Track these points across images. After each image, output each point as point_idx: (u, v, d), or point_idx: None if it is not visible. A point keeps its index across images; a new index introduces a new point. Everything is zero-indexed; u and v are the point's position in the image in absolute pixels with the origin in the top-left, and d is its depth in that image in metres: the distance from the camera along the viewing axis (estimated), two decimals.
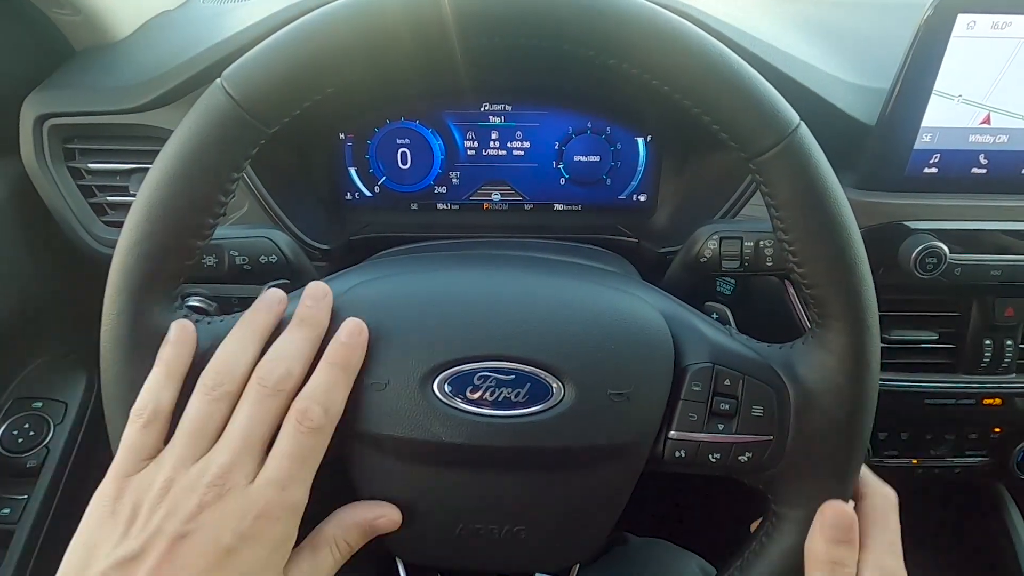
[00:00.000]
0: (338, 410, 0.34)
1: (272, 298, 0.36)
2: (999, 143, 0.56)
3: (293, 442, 0.32)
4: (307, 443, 0.33)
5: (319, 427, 0.33)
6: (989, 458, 0.71)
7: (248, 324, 0.35)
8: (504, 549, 0.38)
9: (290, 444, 0.32)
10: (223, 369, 0.33)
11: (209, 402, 0.33)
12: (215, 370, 0.33)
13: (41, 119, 0.60)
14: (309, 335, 0.35)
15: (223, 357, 0.34)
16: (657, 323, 0.38)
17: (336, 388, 0.34)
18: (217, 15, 0.69)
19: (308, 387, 0.34)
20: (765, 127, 0.32)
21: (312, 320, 0.35)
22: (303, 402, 0.33)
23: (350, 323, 0.35)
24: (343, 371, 0.34)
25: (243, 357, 0.34)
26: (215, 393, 0.33)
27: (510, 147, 0.68)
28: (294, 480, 0.32)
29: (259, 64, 0.32)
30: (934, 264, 0.56)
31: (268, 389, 0.33)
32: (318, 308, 0.36)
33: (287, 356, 0.34)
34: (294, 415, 0.33)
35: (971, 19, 0.51)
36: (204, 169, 0.32)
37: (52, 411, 0.68)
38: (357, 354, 0.35)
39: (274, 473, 0.32)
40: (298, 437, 0.32)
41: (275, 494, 0.32)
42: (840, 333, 0.35)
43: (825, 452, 0.37)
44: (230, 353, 0.34)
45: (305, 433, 0.32)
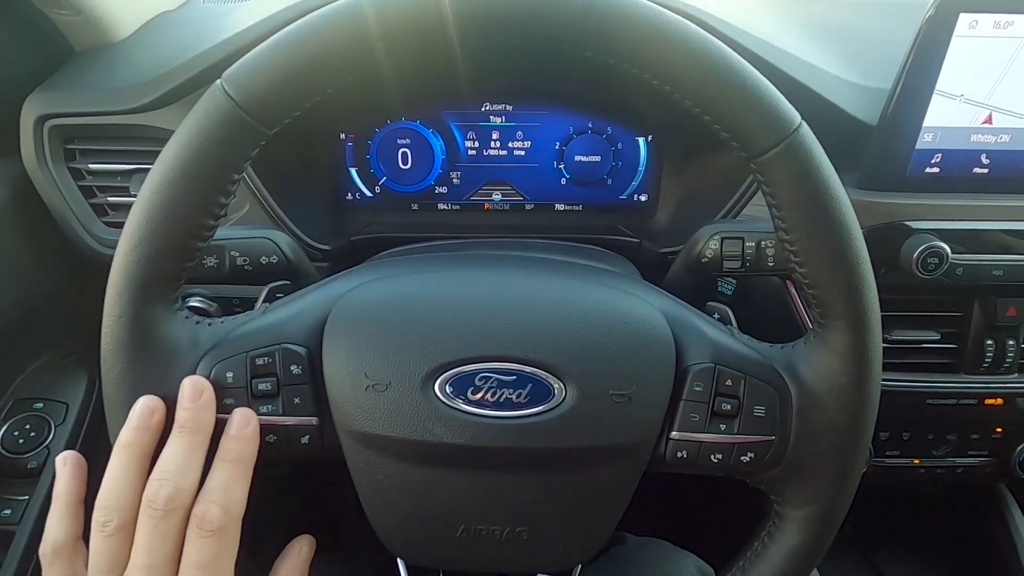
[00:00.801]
0: (239, 507, 0.34)
1: (144, 412, 0.34)
2: (1001, 143, 0.56)
3: (197, 549, 0.32)
4: (212, 547, 0.32)
5: (220, 527, 0.32)
6: (991, 458, 0.71)
7: (125, 448, 0.33)
8: (506, 550, 0.38)
9: (195, 554, 0.32)
10: (109, 504, 0.32)
11: (104, 539, 0.32)
12: (102, 505, 0.32)
13: (42, 120, 0.60)
14: (192, 441, 0.34)
15: (106, 489, 0.33)
16: (658, 323, 0.38)
17: (233, 485, 0.34)
18: (217, 15, 0.69)
19: (204, 490, 0.33)
20: (766, 127, 0.32)
21: (192, 425, 0.34)
22: (201, 507, 0.33)
23: (237, 415, 0.35)
24: (237, 465, 0.34)
25: (127, 485, 0.33)
26: (107, 530, 0.32)
27: (511, 147, 0.68)
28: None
29: (259, 65, 0.32)
30: (936, 264, 0.56)
31: (160, 511, 0.32)
32: (198, 409, 0.34)
33: (173, 471, 0.33)
34: (193, 522, 0.32)
35: (973, 19, 0.51)
36: (204, 170, 0.32)
37: (53, 412, 0.68)
38: (250, 446, 0.35)
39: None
40: (201, 544, 0.32)
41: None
42: (842, 333, 0.35)
43: (827, 452, 0.37)
44: (113, 484, 0.33)
45: (208, 538, 0.32)
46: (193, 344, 0.36)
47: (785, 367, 0.37)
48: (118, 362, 0.34)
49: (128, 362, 0.34)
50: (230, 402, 0.36)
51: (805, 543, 0.38)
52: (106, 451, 0.34)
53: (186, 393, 0.34)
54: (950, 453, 0.71)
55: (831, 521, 0.38)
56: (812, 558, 0.39)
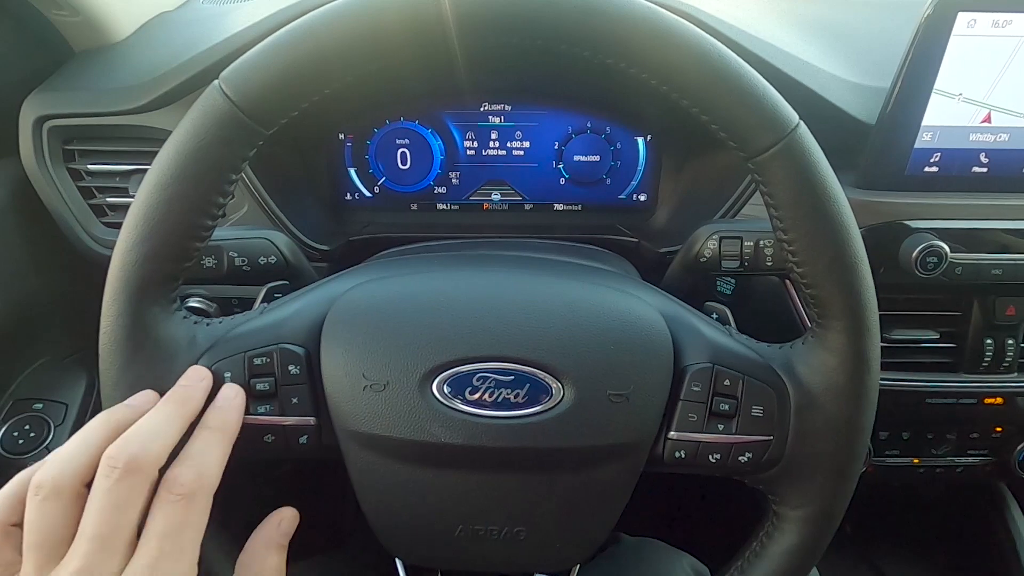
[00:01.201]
0: (214, 475, 0.31)
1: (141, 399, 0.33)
2: (1000, 142, 0.56)
3: (162, 515, 0.29)
4: (179, 513, 0.29)
5: (191, 493, 0.29)
6: (990, 457, 0.71)
7: (100, 417, 0.31)
8: (504, 550, 0.38)
9: (160, 519, 0.28)
10: (58, 469, 0.29)
11: (38, 506, 0.28)
12: (40, 473, 0.29)
13: (40, 120, 0.60)
14: (176, 411, 0.32)
15: (57, 452, 0.29)
16: (657, 323, 0.38)
17: (210, 450, 0.31)
18: (216, 16, 0.69)
19: (180, 455, 0.31)
20: (764, 126, 0.32)
21: (181, 397, 0.32)
22: (174, 469, 0.30)
23: (226, 388, 0.34)
24: (218, 433, 0.32)
25: (83, 450, 0.29)
26: (41, 494, 0.28)
27: (510, 147, 0.68)
28: (168, 558, 0.28)
29: (256, 66, 0.32)
30: (935, 263, 0.56)
31: (119, 470, 0.28)
32: (190, 386, 0.33)
33: (145, 432, 0.30)
34: (163, 486, 0.29)
35: (971, 17, 0.51)
36: (202, 171, 0.32)
37: (52, 412, 0.68)
38: (234, 416, 0.33)
39: (143, 558, 0.28)
40: (166, 509, 0.29)
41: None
42: (840, 333, 0.35)
43: (826, 452, 0.37)
44: (69, 447, 0.29)
45: (176, 502, 0.29)
46: (191, 344, 0.36)
47: (783, 367, 0.37)
48: (116, 362, 0.34)
49: (126, 362, 0.34)
50: None
51: (803, 543, 0.38)
52: None
53: (188, 373, 0.34)
54: (950, 452, 0.71)
55: (829, 521, 0.38)
56: (811, 558, 0.39)
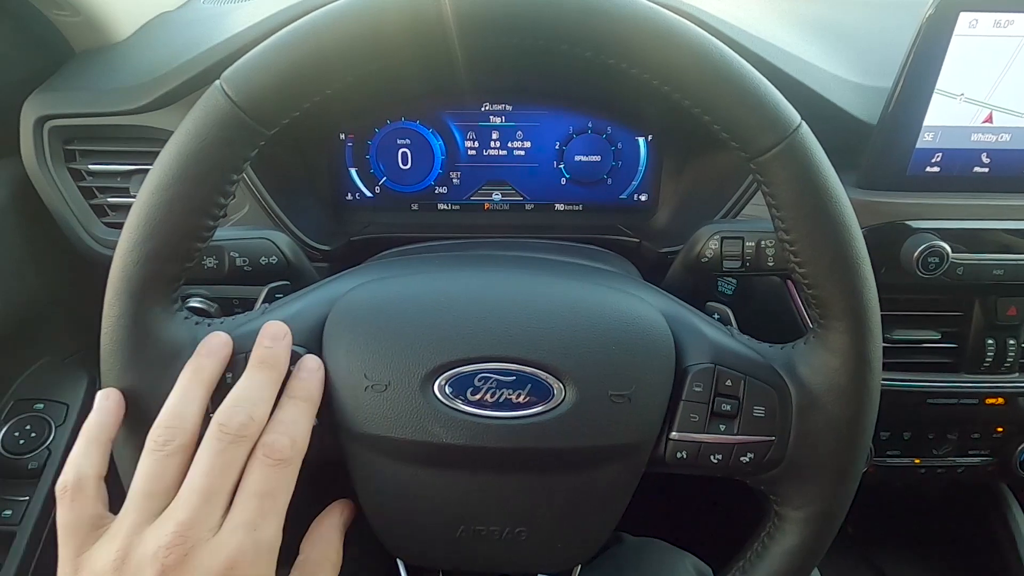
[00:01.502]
0: (304, 442, 0.33)
1: (216, 343, 0.35)
2: (1001, 142, 0.56)
3: (261, 478, 0.31)
4: (275, 477, 0.32)
5: (287, 459, 0.32)
6: (992, 458, 0.71)
7: (193, 372, 0.34)
8: (506, 550, 0.38)
9: (258, 481, 0.31)
10: (172, 423, 0.32)
11: (160, 459, 0.31)
12: (164, 425, 0.32)
13: (41, 120, 0.60)
14: (269, 376, 0.34)
15: (171, 410, 0.32)
16: (658, 324, 0.38)
17: (300, 420, 0.34)
18: (217, 16, 0.69)
19: (272, 422, 0.33)
20: (766, 127, 0.32)
21: (271, 361, 0.34)
22: (269, 436, 0.32)
23: (307, 359, 0.35)
24: (305, 403, 0.34)
25: (191, 407, 0.32)
26: (167, 449, 0.31)
27: (511, 147, 0.67)
28: (265, 518, 0.31)
29: (258, 66, 0.32)
30: (936, 263, 0.56)
31: (230, 436, 0.31)
32: (277, 348, 0.35)
33: (248, 400, 0.33)
34: (260, 450, 0.32)
35: (973, 17, 0.51)
36: (203, 171, 0.32)
37: (53, 412, 0.68)
38: (317, 387, 0.35)
39: (242, 515, 0.31)
40: (266, 472, 0.31)
41: (245, 537, 0.30)
42: (842, 333, 0.35)
43: (827, 453, 0.37)
44: (177, 405, 0.32)
45: (273, 466, 0.32)
46: (192, 344, 0.36)
47: (785, 367, 0.37)
48: (117, 362, 0.34)
49: (127, 362, 0.34)
50: None
51: (805, 543, 0.38)
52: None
53: (267, 332, 0.35)
54: (951, 453, 0.71)
55: (831, 521, 0.38)
56: (812, 558, 0.39)
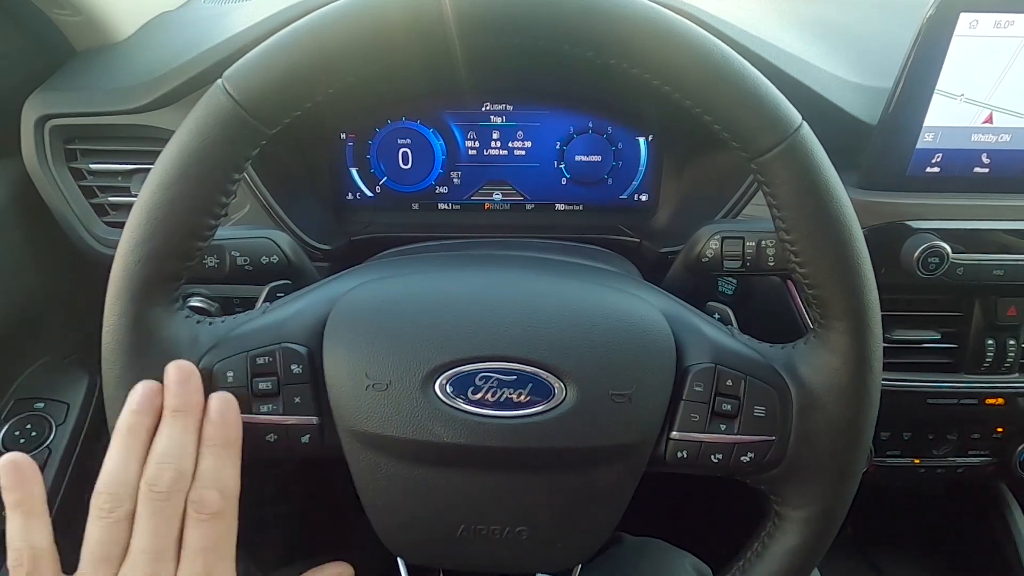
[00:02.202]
0: (234, 488, 0.34)
1: (145, 393, 0.34)
2: (1001, 142, 0.56)
3: (199, 534, 0.32)
4: (213, 530, 0.33)
5: (219, 511, 0.33)
6: (992, 458, 0.71)
7: (128, 431, 0.33)
8: (506, 549, 0.38)
9: (197, 537, 0.32)
10: (116, 490, 0.32)
11: (109, 525, 0.32)
12: (107, 492, 0.32)
13: (42, 120, 0.60)
14: (186, 423, 0.34)
15: (113, 475, 0.32)
16: (659, 323, 0.38)
17: (224, 468, 0.34)
18: (218, 15, 0.69)
19: (197, 476, 0.33)
20: (767, 127, 0.32)
21: (185, 406, 0.34)
22: (196, 492, 0.33)
23: (215, 400, 0.35)
24: (225, 448, 0.34)
25: (131, 469, 0.32)
26: (114, 515, 0.32)
27: (511, 147, 0.68)
28: (214, 569, 0.32)
29: (260, 65, 0.32)
30: (936, 264, 0.56)
31: (163, 494, 0.32)
32: (187, 391, 0.34)
33: (172, 455, 0.33)
34: (191, 508, 0.32)
35: (973, 18, 0.51)
36: (205, 170, 0.32)
37: (54, 412, 0.68)
38: (234, 430, 0.35)
39: (191, 571, 0.32)
40: (202, 528, 0.32)
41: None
42: (842, 333, 0.35)
43: (827, 453, 0.37)
44: (118, 470, 0.32)
45: (208, 521, 0.32)
46: (193, 343, 0.36)
47: (785, 367, 0.37)
48: (119, 361, 0.34)
49: (129, 361, 0.34)
50: None
51: (805, 543, 0.38)
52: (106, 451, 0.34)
53: (172, 377, 0.34)
54: (951, 453, 0.71)
55: (831, 521, 0.38)
56: (812, 558, 0.39)
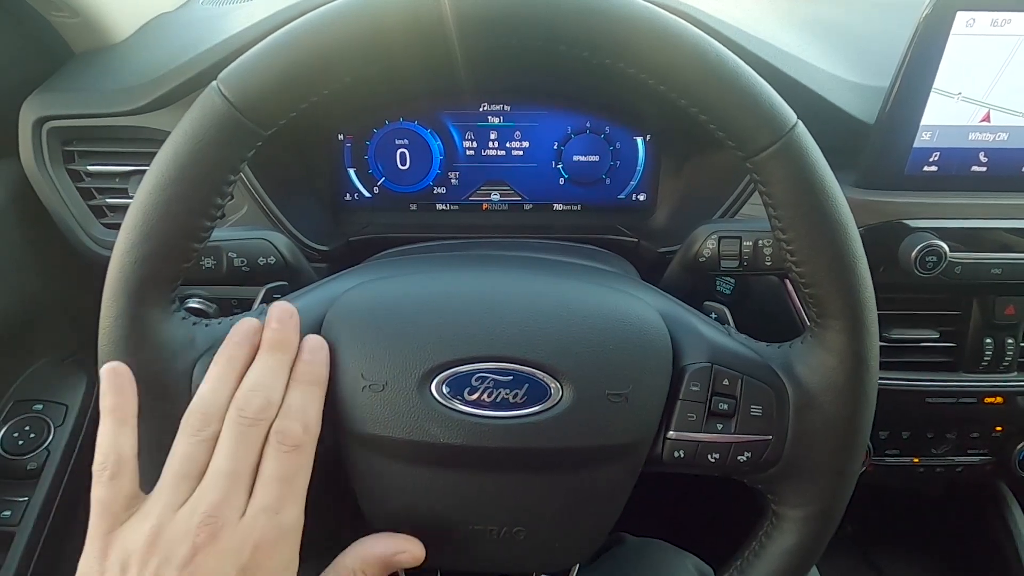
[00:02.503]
0: (316, 426, 0.34)
1: (248, 329, 0.35)
2: (999, 141, 0.56)
3: (277, 464, 0.32)
4: (292, 462, 0.33)
5: (300, 444, 0.33)
6: (990, 457, 0.71)
7: (227, 360, 0.34)
8: (503, 550, 0.38)
9: (275, 467, 0.32)
10: (208, 410, 0.33)
11: (195, 443, 0.32)
12: (199, 411, 0.33)
13: (40, 121, 0.61)
14: (281, 359, 0.35)
15: (207, 397, 0.33)
16: (656, 323, 0.38)
17: (310, 405, 0.34)
18: (215, 17, 0.69)
19: (283, 408, 0.34)
20: (762, 126, 0.32)
21: (282, 343, 0.35)
22: (281, 423, 0.33)
23: (310, 340, 0.36)
24: (313, 386, 0.35)
25: (225, 394, 0.33)
26: (202, 435, 0.32)
27: (509, 147, 0.68)
28: (286, 502, 0.32)
29: (255, 66, 0.32)
30: (934, 263, 0.56)
31: (249, 420, 0.33)
32: (286, 329, 0.35)
33: (264, 385, 0.34)
34: (274, 437, 0.33)
35: (970, 17, 0.51)
36: (200, 172, 0.32)
37: (52, 413, 0.68)
38: (322, 369, 0.35)
39: (264, 499, 0.32)
40: (281, 458, 0.32)
41: (269, 520, 0.31)
42: (839, 332, 0.35)
43: (824, 452, 0.37)
44: (212, 392, 0.33)
45: (288, 452, 0.33)
46: (190, 344, 0.36)
47: (782, 367, 0.37)
48: None
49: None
50: None
51: (803, 543, 0.38)
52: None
53: (275, 315, 0.35)
54: (949, 452, 0.71)
55: (829, 520, 0.38)
56: (810, 557, 0.39)
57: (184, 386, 0.35)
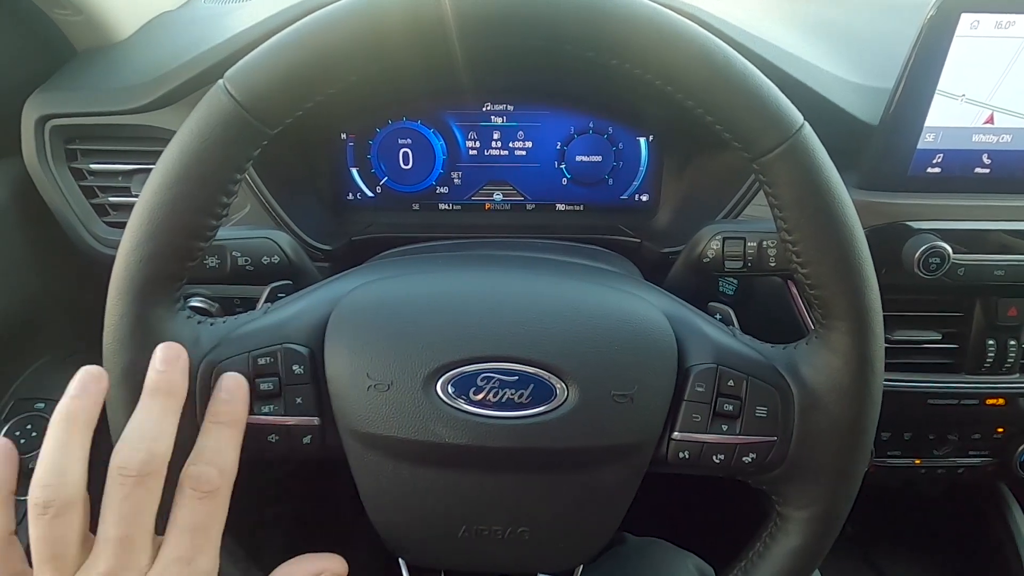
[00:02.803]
0: (233, 469, 0.33)
1: (85, 379, 0.31)
2: (1002, 143, 0.56)
3: (190, 512, 0.31)
4: (206, 510, 0.31)
5: (216, 489, 0.31)
6: (992, 458, 0.71)
7: (64, 419, 0.30)
8: (508, 550, 0.38)
9: (188, 515, 0.31)
10: (50, 481, 0.29)
11: (48, 523, 0.29)
12: (41, 485, 0.29)
13: (43, 120, 0.60)
14: (166, 404, 0.32)
15: (45, 465, 0.29)
16: (660, 324, 0.38)
17: (226, 447, 0.33)
18: (219, 15, 0.69)
19: (196, 451, 0.32)
20: (769, 127, 0.32)
21: (166, 387, 0.32)
22: (195, 468, 0.31)
23: (226, 379, 0.34)
24: (230, 428, 0.33)
25: (70, 458, 0.30)
26: (50, 512, 0.29)
27: (512, 147, 0.68)
28: (200, 551, 0.31)
29: (261, 65, 0.32)
30: (937, 264, 0.56)
31: (133, 478, 0.29)
32: (172, 372, 0.32)
33: (145, 435, 0.30)
34: (187, 483, 0.31)
35: (974, 19, 0.51)
36: (206, 171, 0.32)
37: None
38: (241, 408, 0.34)
39: (176, 551, 0.30)
40: (195, 506, 0.31)
41: (180, 571, 0.30)
42: (844, 334, 0.35)
43: (829, 453, 0.37)
44: (53, 460, 0.29)
45: (203, 499, 0.31)
46: (195, 344, 0.36)
47: (787, 368, 0.37)
48: (120, 362, 0.34)
49: (130, 362, 0.34)
50: None
51: (807, 544, 0.38)
52: (107, 451, 0.34)
53: (159, 356, 0.33)
54: (951, 453, 0.71)
55: (833, 522, 0.38)
56: (814, 559, 0.39)
57: (188, 385, 0.35)
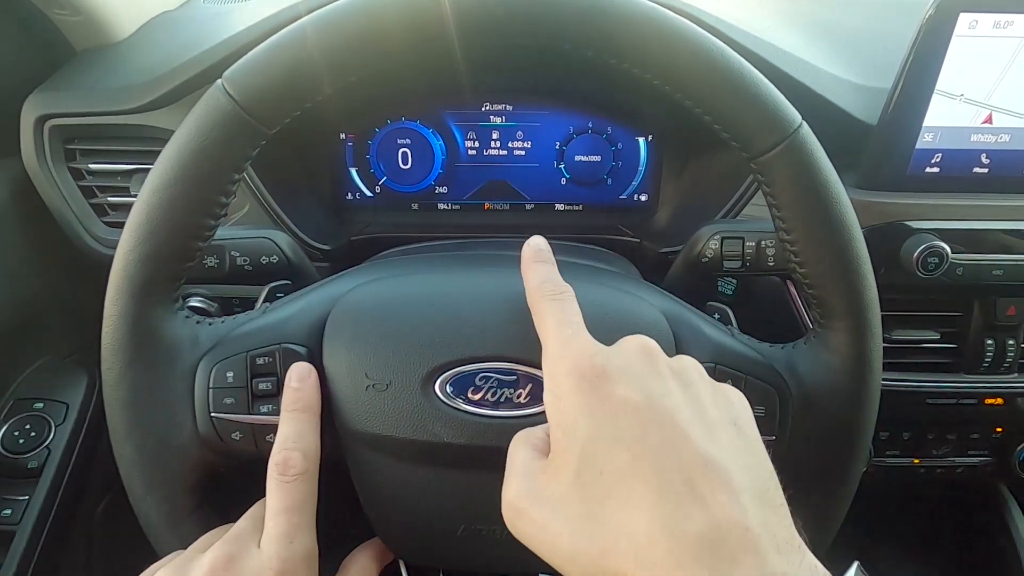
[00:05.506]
0: (316, 451, 0.35)
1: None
2: (1001, 142, 0.56)
3: (284, 495, 0.33)
4: (296, 491, 0.34)
5: (303, 471, 0.34)
6: (991, 458, 0.71)
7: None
8: (506, 550, 0.38)
9: (280, 498, 0.33)
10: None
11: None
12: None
13: (42, 120, 0.60)
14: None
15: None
16: (659, 323, 0.38)
17: (306, 432, 0.35)
18: (218, 15, 0.69)
19: (279, 440, 0.34)
20: (767, 127, 0.32)
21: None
22: (281, 454, 0.34)
23: (295, 368, 0.36)
24: (305, 413, 0.35)
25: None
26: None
27: (511, 147, 0.68)
28: (299, 530, 0.33)
29: (260, 65, 0.32)
30: (936, 264, 0.56)
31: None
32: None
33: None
34: (275, 470, 0.34)
35: (973, 18, 0.51)
36: (205, 170, 0.32)
37: (53, 412, 0.68)
38: (313, 394, 0.36)
39: (275, 530, 0.33)
40: (285, 488, 0.33)
41: (283, 549, 0.32)
42: (842, 333, 0.35)
43: (827, 452, 0.37)
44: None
45: (292, 482, 0.33)
46: (193, 343, 0.36)
47: (785, 367, 0.37)
48: (118, 361, 0.34)
49: (128, 361, 0.34)
50: (230, 401, 0.36)
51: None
52: (107, 451, 0.34)
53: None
54: (950, 453, 0.71)
55: (831, 522, 0.38)
56: None
57: (187, 385, 0.35)
